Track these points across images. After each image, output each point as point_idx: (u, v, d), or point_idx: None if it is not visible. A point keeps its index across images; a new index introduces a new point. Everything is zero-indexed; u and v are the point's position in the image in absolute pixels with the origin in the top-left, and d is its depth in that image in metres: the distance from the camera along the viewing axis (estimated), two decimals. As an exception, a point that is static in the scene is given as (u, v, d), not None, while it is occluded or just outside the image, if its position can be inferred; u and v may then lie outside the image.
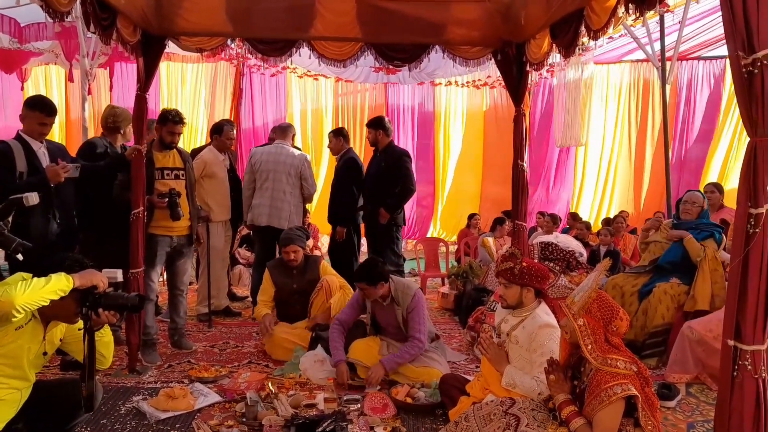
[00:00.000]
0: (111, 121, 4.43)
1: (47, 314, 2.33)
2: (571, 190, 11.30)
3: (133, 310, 2.74)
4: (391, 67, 4.92)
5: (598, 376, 2.28)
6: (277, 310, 4.70)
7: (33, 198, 3.19)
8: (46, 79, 9.80)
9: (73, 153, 4.46)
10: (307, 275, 4.55)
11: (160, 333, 4.55)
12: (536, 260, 4.53)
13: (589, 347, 2.31)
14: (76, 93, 9.11)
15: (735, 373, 2.02)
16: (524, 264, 2.99)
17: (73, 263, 2.39)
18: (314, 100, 11.06)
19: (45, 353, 2.44)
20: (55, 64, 8.64)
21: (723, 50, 9.46)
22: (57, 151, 3.79)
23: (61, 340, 2.54)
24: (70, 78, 7.96)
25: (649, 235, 4.83)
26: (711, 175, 10.19)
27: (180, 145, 4.48)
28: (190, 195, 4.40)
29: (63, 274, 2.23)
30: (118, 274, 2.61)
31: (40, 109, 3.59)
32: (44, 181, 3.48)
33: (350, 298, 4.15)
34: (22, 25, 6.94)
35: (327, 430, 2.90)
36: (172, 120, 4.21)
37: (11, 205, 3.13)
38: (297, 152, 5.43)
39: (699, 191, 4.95)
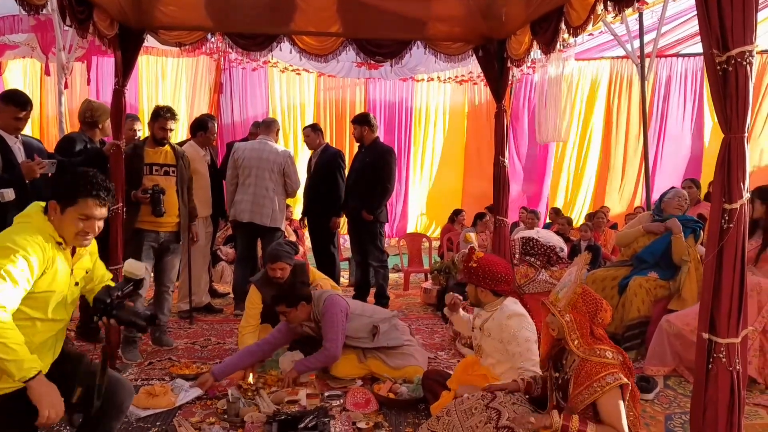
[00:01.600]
0: (89, 115, 4.37)
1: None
2: (551, 185, 11.38)
3: (140, 330, 2.66)
4: (372, 62, 4.91)
5: (587, 367, 2.28)
6: (272, 321, 4.48)
7: (8, 194, 3.14)
8: (23, 72, 9.62)
9: (50, 148, 4.39)
10: (296, 285, 4.15)
11: (141, 330, 4.51)
12: (517, 255, 4.57)
13: (576, 342, 2.33)
14: (53, 87, 8.96)
15: (710, 366, 2.06)
16: (474, 265, 3.00)
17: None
18: (296, 95, 10.99)
19: (77, 284, 2.37)
20: (32, 57, 8.46)
21: (700, 47, 9.58)
22: (33, 147, 3.73)
23: (87, 272, 2.47)
24: (46, 72, 7.81)
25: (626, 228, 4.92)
26: (691, 172, 10.33)
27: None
28: (181, 192, 4.37)
29: (34, 367, 2.01)
30: (141, 270, 2.49)
31: (14, 103, 3.52)
32: (19, 177, 3.42)
33: (279, 324, 3.89)
34: (-4, 17, 6.81)
35: (309, 425, 2.90)
36: (163, 116, 4.23)
37: None
38: (281, 148, 5.40)
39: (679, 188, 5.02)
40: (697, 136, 10.75)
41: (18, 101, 3.53)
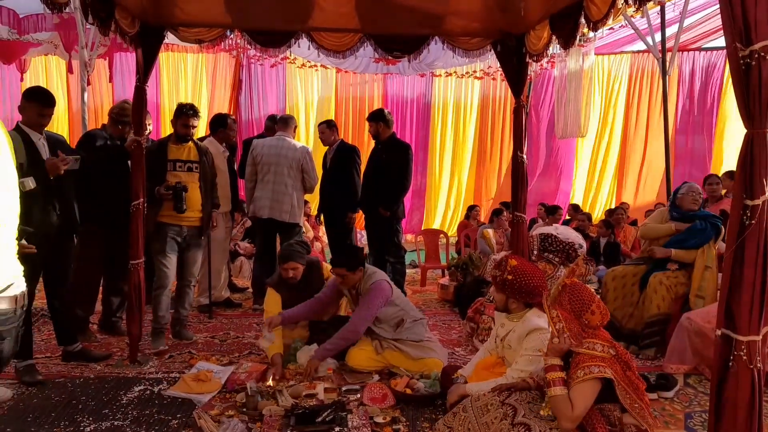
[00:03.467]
0: (116, 112, 4.47)
1: None
2: (571, 181, 11.29)
3: None
4: (390, 57, 4.90)
5: (577, 359, 2.34)
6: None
7: (29, 183, 3.19)
8: (46, 70, 9.77)
9: (73, 144, 4.47)
10: (314, 284, 4.28)
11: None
12: (535, 252, 4.53)
13: (566, 335, 2.34)
14: (76, 84, 9.09)
15: (730, 364, 2.04)
16: (509, 277, 2.94)
17: None
18: (314, 91, 11.03)
19: None
20: (54, 55, 8.60)
21: (723, 41, 9.43)
22: (57, 143, 3.79)
23: None
24: (69, 69, 7.94)
25: (647, 223, 4.87)
26: (713, 167, 10.17)
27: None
28: (204, 188, 4.42)
29: None
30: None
31: (38, 99, 3.58)
32: (44, 174, 3.49)
33: (329, 281, 4.08)
34: (20, 15, 6.91)
35: (327, 419, 2.93)
36: (186, 113, 4.30)
37: None
38: (299, 145, 5.43)
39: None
40: (707, 131, 10.60)
41: (42, 98, 3.60)
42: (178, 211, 4.21)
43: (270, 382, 3.52)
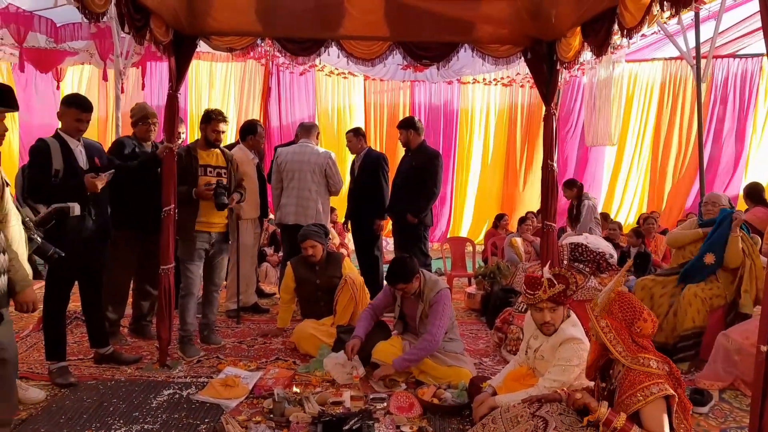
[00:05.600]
0: (134, 115, 4.60)
1: None
2: (601, 190, 11.13)
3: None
4: (419, 65, 4.90)
5: (631, 376, 2.23)
6: (303, 307, 4.76)
7: (76, 209, 3.37)
8: (81, 78, 10.01)
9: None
10: (329, 271, 4.60)
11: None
12: (565, 262, 4.48)
13: (618, 348, 2.27)
14: (110, 92, 9.30)
15: (772, 380, 1.97)
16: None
17: None
18: (343, 99, 11.08)
19: None
20: (90, 63, 8.82)
21: (759, 47, 9.22)
22: (94, 150, 3.86)
23: None
24: (104, 77, 8.13)
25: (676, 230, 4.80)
26: (750, 176, 9.92)
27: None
28: (230, 193, 4.48)
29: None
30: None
31: (76, 105, 3.66)
32: (81, 184, 3.57)
33: (384, 286, 4.14)
34: (58, 25, 7.11)
35: (354, 428, 2.91)
36: (215, 118, 4.36)
37: (56, 214, 3.26)
38: (321, 150, 5.46)
39: (720, 192, 4.87)
40: (741, 140, 10.35)
41: (80, 103, 3.67)
42: (219, 207, 4.25)
43: (296, 389, 3.53)
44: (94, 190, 3.60)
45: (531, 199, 10.38)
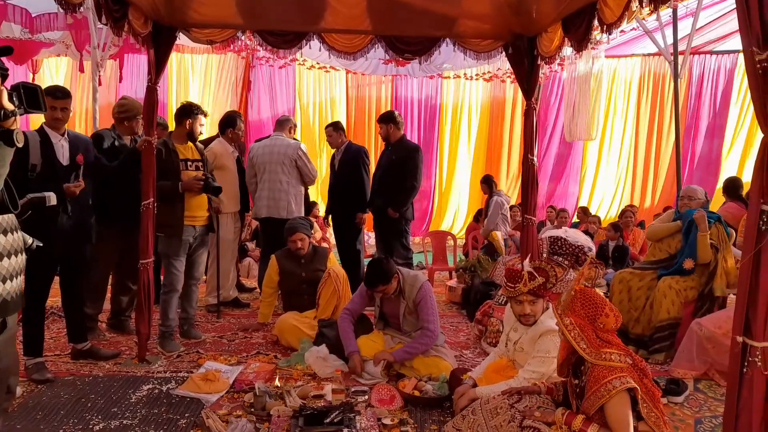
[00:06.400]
0: (115, 112, 4.51)
1: None
2: (579, 184, 11.25)
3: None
4: (401, 59, 4.90)
5: (595, 372, 2.28)
6: (286, 300, 4.75)
7: (53, 199, 3.30)
8: (58, 70, 9.83)
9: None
10: (315, 264, 4.61)
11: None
12: (545, 255, 4.52)
13: (582, 345, 2.31)
14: (86, 84, 9.15)
15: (745, 370, 2.02)
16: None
17: None
18: (324, 93, 11.03)
19: None
20: (66, 55, 8.66)
21: (735, 44, 9.38)
22: (80, 145, 3.77)
23: None
24: (80, 69, 7.99)
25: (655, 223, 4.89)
26: (727, 171, 10.11)
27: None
28: None
29: None
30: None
31: (47, 93, 3.58)
32: (58, 178, 3.54)
33: (359, 288, 4.13)
34: (33, 15, 6.96)
35: (335, 420, 2.92)
36: (196, 113, 4.36)
37: (31, 204, 3.20)
38: (291, 142, 5.45)
39: (697, 186, 4.94)
40: (718, 135, 10.54)
41: (50, 91, 3.53)
42: (216, 192, 4.36)
43: (277, 383, 3.53)
44: (72, 196, 3.60)
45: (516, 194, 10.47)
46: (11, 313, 2.37)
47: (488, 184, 7.80)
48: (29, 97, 2.22)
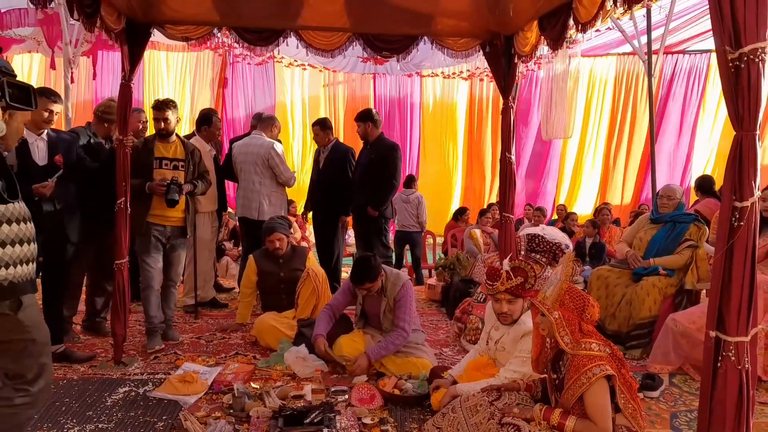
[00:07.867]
0: (102, 111, 4.44)
1: None
2: (557, 182, 11.37)
3: None
4: (379, 57, 4.89)
5: (575, 361, 2.32)
6: (265, 300, 4.72)
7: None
8: (31, 68, 9.63)
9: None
10: (293, 264, 4.58)
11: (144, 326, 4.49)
12: (523, 252, 4.55)
13: (565, 338, 2.34)
14: (59, 81, 8.96)
15: (719, 364, 2.05)
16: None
17: None
18: (303, 90, 10.98)
19: None
20: (37, 52, 8.49)
21: (708, 44, 9.55)
22: (60, 145, 3.69)
23: None
24: (52, 66, 7.82)
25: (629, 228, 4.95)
26: (696, 169, 10.31)
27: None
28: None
29: None
30: None
31: (44, 94, 3.52)
32: (29, 177, 3.46)
33: (342, 285, 4.12)
34: (2, 10, 6.81)
35: (315, 421, 2.90)
36: (153, 107, 4.27)
37: None
38: (266, 141, 5.38)
39: (676, 185, 5.02)
40: (689, 133, 10.74)
41: (47, 93, 3.54)
42: (169, 204, 4.13)
43: (255, 385, 3.50)
44: (43, 197, 3.52)
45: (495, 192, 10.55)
46: (25, 294, 2.20)
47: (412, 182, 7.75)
48: (18, 91, 2.13)
